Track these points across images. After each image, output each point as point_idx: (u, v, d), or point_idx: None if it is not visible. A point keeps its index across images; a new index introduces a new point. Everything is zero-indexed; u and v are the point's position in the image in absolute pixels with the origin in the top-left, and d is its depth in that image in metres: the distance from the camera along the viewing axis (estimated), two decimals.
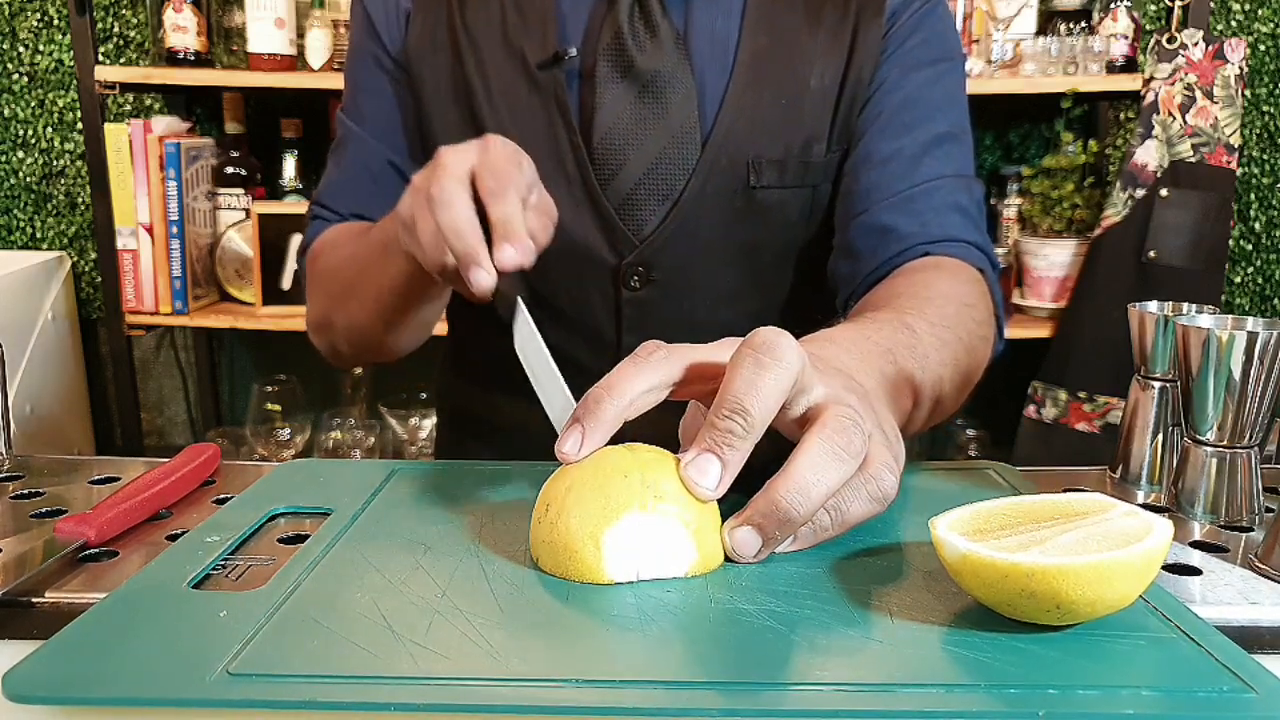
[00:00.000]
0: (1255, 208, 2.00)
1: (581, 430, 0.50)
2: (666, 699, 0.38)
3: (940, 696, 0.38)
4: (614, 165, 0.84)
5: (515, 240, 0.60)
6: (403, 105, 0.91)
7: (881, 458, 0.50)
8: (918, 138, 0.85)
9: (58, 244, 2.14)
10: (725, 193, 0.85)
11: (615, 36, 0.83)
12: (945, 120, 0.87)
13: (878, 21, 0.85)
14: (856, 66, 0.85)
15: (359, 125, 0.92)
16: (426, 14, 0.88)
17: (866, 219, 0.84)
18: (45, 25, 2.05)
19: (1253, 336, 0.57)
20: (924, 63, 0.87)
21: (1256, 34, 1.94)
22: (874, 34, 0.85)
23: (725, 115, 0.84)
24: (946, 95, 0.88)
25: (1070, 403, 1.79)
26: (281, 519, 0.58)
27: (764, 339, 0.48)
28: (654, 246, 0.85)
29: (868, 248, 0.84)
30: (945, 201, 0.84)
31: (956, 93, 0.89)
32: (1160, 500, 0.65)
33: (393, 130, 0.91)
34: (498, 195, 0.61)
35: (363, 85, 0.92)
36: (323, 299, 0.90)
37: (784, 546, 0.51)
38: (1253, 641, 0.46)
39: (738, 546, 0.49)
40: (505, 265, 0.60)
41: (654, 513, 0.48)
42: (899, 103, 0.86)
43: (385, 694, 0.38)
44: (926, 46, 0.87)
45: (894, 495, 0.51)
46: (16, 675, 0.39)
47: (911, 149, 0.85)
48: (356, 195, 0.92)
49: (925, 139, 0.85)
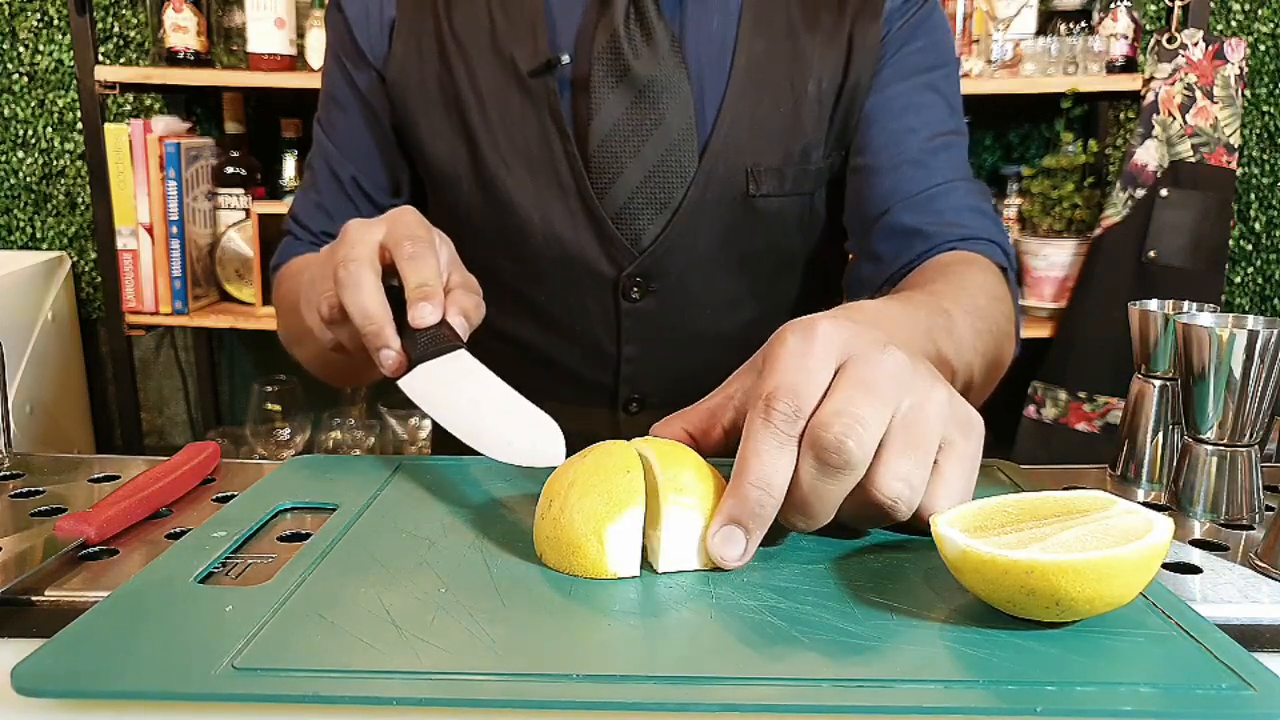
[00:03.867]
0: (1255, 208, 2.00)
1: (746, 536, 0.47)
2: (668, 694, 0.38)
3: (940, 692, 0.38)
4: (610, 174, 0.82)
5: (431, 298, 0.59)
6: (372, 127, 0.89)
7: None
8: (926, 142, 0.85)
9: (58, 244, 2.14)
10: (724, 201, 0.84)
11: (611, 41, 0.81)
12: (948, 125, 0.87)
13: (875, 26, 0.85)
14: (854, 71, 0.85)
15: (331, 140, 0.91)
16: (412, 23, 0.86)
17: (889, 221, 0.84)
18: (45, 25, 2.05)
19: (1253, 335, 0.57)
20: (924, 68, 0.87)
21: (1256, 34, 1.95)
22: (871, 38, 0.85)
23: (724, 123, 0.83)
24: (947, 100, 0.88)
25: (1070, 403, 1.79)
26: (287, 514, 0.58)
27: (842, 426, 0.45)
28: (653, 257, 0.84)
29: (891, 250, 0.83)
30: (963, 202, 0.84)
31: (955, 98, 0.89)
32: (1160, 498, 0.65)
33: (361, 153, 0.90)
34: (414, 260, 0.60)
35: (334, 97, 0.90)
36: (282, 329, 0.90)
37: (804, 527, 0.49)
38: (1252, 640, 0.46)
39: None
40: (422, 323, 0.59)
41: (675, 505, 0.48)
42: (902, 108, 0.86)
43: (389, 689, 0.38)
44: (924, 53, 0.87)
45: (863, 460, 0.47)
46: (26, 669, 0.39)
47: (921, 153, 0.85)
48: (326, 214, 0.91)
49: (933, 144, 0.85)
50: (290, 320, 0.85)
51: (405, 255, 0.60)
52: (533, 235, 0.84)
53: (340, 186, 0.90)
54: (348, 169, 0.90)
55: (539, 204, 0.84)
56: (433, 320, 0.59)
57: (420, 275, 0.59)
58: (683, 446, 0.52)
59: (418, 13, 0.86)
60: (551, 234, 0.84)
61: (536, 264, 0.86)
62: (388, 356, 0.60)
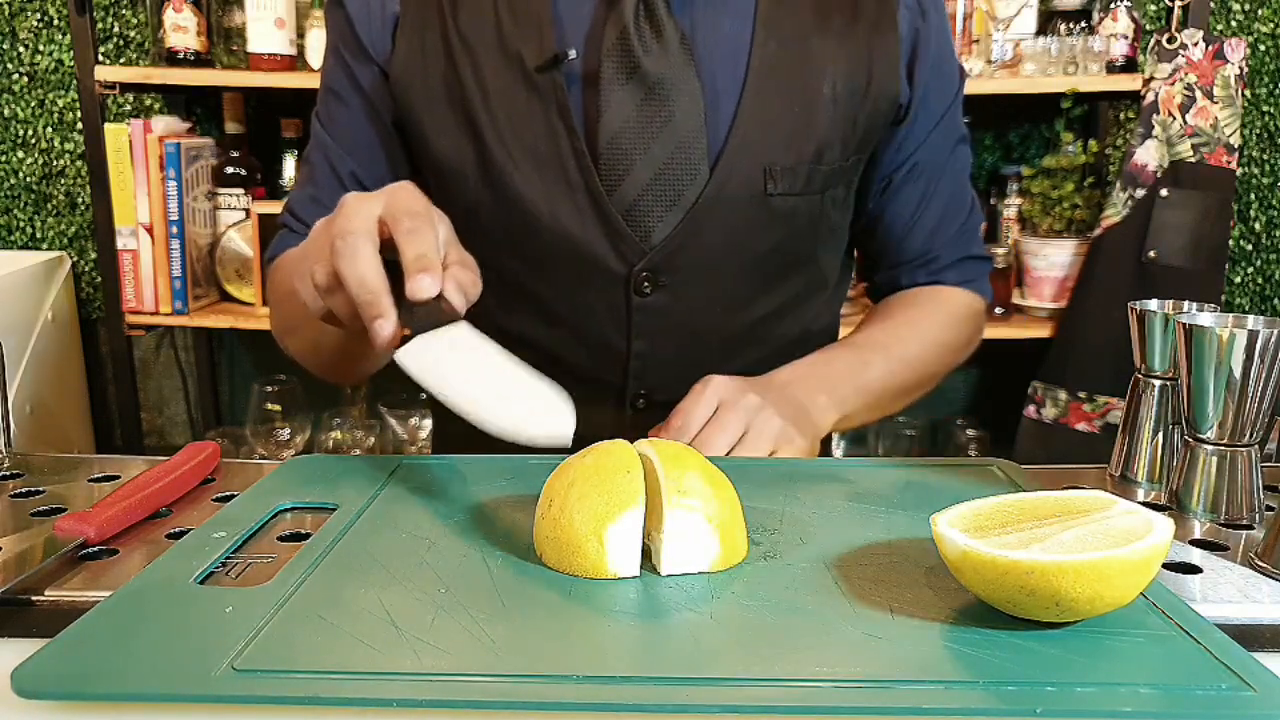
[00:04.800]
0: (1255, 208, 2.00)
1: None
2: (667, 695, 0.38)
3: (939, 693, 0.38)
4: (620, 171, 0.82)
5: (431, 270, 0.58)
6: (373, 122, 0.89)
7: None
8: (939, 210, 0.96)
9: (58, 244, 2.14)
10: (740, 200, 0.84)
11: (621, 36, 0.81)
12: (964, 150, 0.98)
13: (893, 36, 0.86)
14: (877, 79, 0.86)
15: (330, 134, 0.90)
16: (417, 20, 0.85)
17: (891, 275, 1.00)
18: (45, 25, 2.05)
19: (1253, 335, 0.57)
20: (940, 111, 0.92)
21: (1256, 34, 1.95)
22: (889, 45, 0.86)
23: (741, 122, 0.83)
24: (959, 126, 0.96)
25: (1070, 403, 1.79)
26: (287, 514, 0.58)
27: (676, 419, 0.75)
28: (665, 253, 0.84)
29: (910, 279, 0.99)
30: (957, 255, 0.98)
31: (960, 111, 0.95)
32: (1160, 498, 0.65)
33: (361, 147, 0.89)
34: (412, 235, 0.59)
35: (334, 91, 0.90)
36: (275, 321, 0.89)
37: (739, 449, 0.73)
38: (1252, 640, 0.46)
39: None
40: (421, 295, 0.57)
41: (678, 508, 0.48)
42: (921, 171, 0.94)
43: (388, 690, 0.38)
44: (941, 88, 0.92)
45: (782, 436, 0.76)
46: (26, 671, 0.39)
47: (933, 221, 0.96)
48: (323, 208, 0.90)
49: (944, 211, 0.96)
50: (284, 310, 0.84)
51: (403, 230, 0.59)
52: (541, 232, 0.84)
53: (339, 181, 0.90)
54: (347, 163, 0.89)
55: (547, 200, 0.84)
56: (432, 292, 0.58)
57: (418, 248, 0.58)
58: (687, 448, 0.52)
59: (423, 10, 0.86)
60: (560, 230, 0.84)
61: (544, 261, 0.86)
62: (383, 326, 0.57)
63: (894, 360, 0.91)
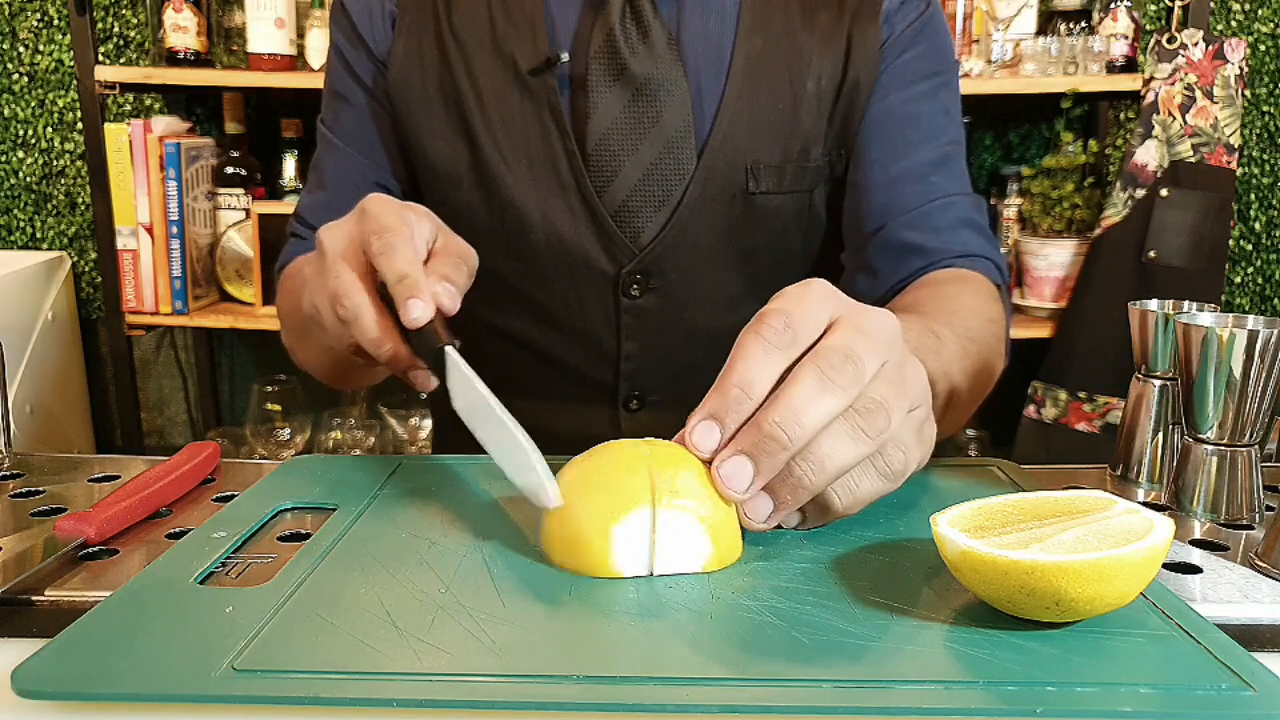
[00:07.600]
0: (1255, 208, 2.00)
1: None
2: (668, 695, 0.38)
3: (939, 693, 0.38)
4: (609, 172, 0.83)
5: (418, 293, 0.57)
6: (378, 118, 0.89)
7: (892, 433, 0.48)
8: (924, 155, 0.85)
9: (58, 244, 2.14)
10: (724, 198, 0.84)
11: (607, 39, 0.81)
12: (947, 135, 0.87)
13: (874, 26, 0.85)
14: (854, 71, 0.85)
15: (337, 136, 0.90)
16: (413, 21, 0.86)
17: (885, 236, 0.84)
18: (45, 25, 2.05)
19: (1253, 335, 0.57)
20: (923, 75, 0.87)
21: (1256, 34, 1.94)
22: (870, 38, 0.85)
23: (723, 120, 0.83)
24: (946, 110, 0.88)
25: (1070, 403, 1.79)
26: (287, 514, 0.58)
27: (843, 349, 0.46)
28: (653, 254, 0.84)
29: (888, 265, 0.84)
30: (960, 217, 0.85)
31: (954, 107, 0.89)
32: (1160, 498, 0.65)
33: (370, 145, 0.89)
34: (386, 254, 0.58)
35: (339, 92, 0.90)
36: (284, 330, 0.89)
37: (791, 522, 0.50)
38: (1252, 639, 0.46)
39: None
40: (416, 322, 0.57)
41: (670, 508, 0.48)
42: (901, 118, 0.86)
43: (388, 690, 0.38)
44: (925, 60, 0.87)
45: (906, 471, 0.49)
46: (25, 671, 0.39)
47: (919, 167, 0.85)
48: (335, 211, 0.90)
49: (932, 156, 0.85)
50: (292, 323, 0.84)
51: (375, 252, 0.58)
52: (533, 233, 0.85)
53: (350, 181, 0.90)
54: (359, 163, 0.89)
55: (539, 202, 0.84)
56: (424, 319, 0.57)
57: (397, 268, 0.58)
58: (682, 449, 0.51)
59: (418, 11, 0.86)
60: (552, 231, 0.84)
61: (537, 262, 0.86)
62: (422, 379, 0.60)
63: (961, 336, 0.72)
